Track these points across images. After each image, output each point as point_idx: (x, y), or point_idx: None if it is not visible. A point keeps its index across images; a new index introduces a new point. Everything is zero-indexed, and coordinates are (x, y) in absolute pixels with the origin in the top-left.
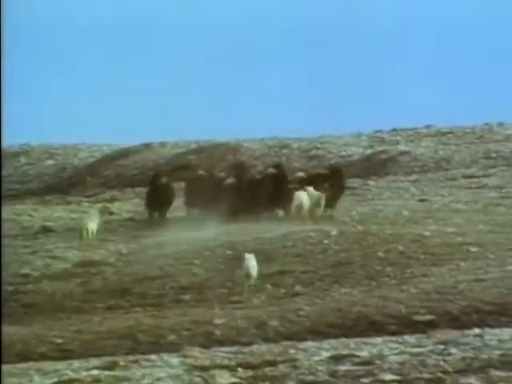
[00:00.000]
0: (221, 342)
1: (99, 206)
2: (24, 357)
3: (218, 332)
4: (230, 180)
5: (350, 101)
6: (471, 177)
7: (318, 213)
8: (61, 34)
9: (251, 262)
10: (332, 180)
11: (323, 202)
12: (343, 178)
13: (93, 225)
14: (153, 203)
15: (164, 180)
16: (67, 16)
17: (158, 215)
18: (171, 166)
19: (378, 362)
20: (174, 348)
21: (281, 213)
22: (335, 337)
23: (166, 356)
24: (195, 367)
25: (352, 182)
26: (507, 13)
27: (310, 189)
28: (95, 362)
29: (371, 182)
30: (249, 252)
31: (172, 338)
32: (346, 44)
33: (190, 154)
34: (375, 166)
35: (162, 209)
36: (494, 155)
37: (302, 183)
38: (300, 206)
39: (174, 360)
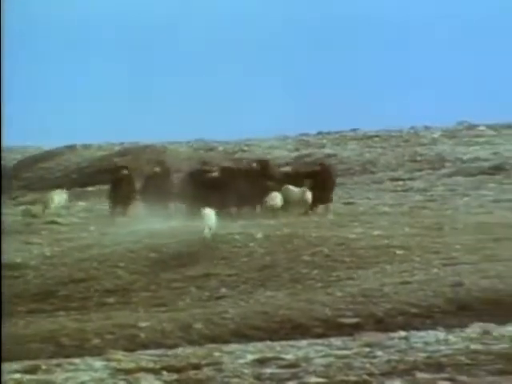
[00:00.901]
0: (145, 345)
1: (22, 208)
2: None
3: (142, 335)
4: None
5: (276, 104)
6: (397, 180)
7: (306, 206)
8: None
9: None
10: (320, 176)
11: (309, 196)
12: (332, 174)
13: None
14: (114, 197)
15: (125, 172)
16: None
17: (121, 209)
18: (95, 168)
19: (303, 364)
20: (97, 351)
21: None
22: (260, 340)
23: (89, 359)
24: (119, 370)
25: None
26: (423, 15)
27: (290, 187)
28: (17, 365)
29: None
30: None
31: (96, 341)
32: (271, 48)
33: (114, 156)
34: None
35: (125, 202)
36: (419, 158)
37: (287, 179)
38: (273, 207)
39: (98, 363)
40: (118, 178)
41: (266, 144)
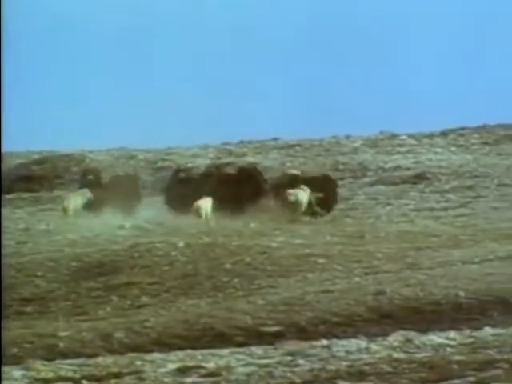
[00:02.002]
0: (65, 355)
1: None
2: None
3: (61, 344)
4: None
5: (197, 113)
6: None
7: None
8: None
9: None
10: (324, 185)
11: (309, 198)
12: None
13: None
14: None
15: (91, 177)
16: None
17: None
18: (13, 177)
19: (224, 373)
20: (16, 360)
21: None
22: (181, 348)
23: (8, 369)
24: (38, 380)
25: None
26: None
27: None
28: None
29: None
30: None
31: (14, 350)
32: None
33: (32, 164)
34: None
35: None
36: (341, 167)
37: (295, 182)
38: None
39: (16, 373)
40: (85, 182)
41: (188, 153)
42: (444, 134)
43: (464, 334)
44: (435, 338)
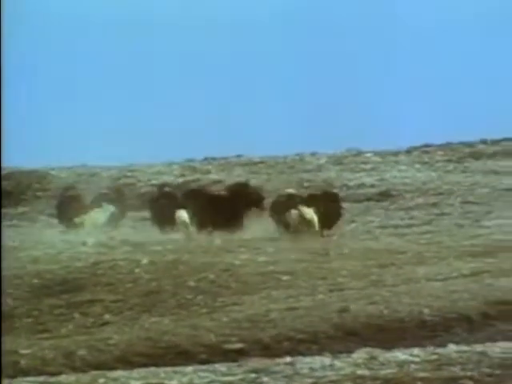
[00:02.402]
0: (26, 372)
1: None
2: None
3: (23, 362)
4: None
5: (161, 129)
6: None
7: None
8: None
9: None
10: (327, 202)
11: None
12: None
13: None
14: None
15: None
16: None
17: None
18: None
19: None
20: None
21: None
22: (145, 366)
23: None
24: None
25: None
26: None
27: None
28: None
29: None
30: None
31: None
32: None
33: None
34: None
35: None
36: (306, 184)
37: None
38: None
39: None
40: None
41: (152, 170)
42: (408, 151)
43: (428, 350)
44: (399, 354)
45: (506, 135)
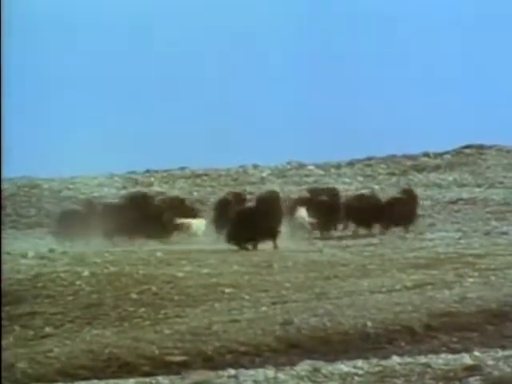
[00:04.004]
0: None
1: None
2: None
3: None
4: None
5: (103, 142)
6: None
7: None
8: None
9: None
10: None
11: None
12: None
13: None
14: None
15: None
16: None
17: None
18: None
19: None
20: None
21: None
22: (86, 379)
23: None
24: None
25: None
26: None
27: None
28: None
29: None
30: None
31: None
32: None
33: None
34: None
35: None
36: (249, 197)
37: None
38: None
39: None
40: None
41: (94, 182)
42: (351, 164)
43: (371, 362)
44: (343, 367)
45: (449, 148)
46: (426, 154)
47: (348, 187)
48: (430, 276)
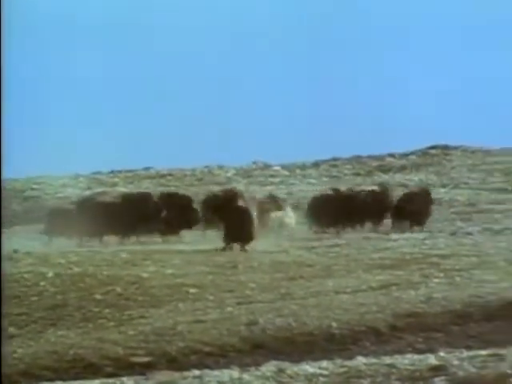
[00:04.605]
0: None
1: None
2: None
3: None
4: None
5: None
6: None
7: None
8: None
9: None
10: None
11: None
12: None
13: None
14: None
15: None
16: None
17: None
18: None
19: None
20: None
21: None
22: (50, 380)
23: None
24: None
25: None
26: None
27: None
28: None
29: None
30: None
31: None
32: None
33: None
34: None
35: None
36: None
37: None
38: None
39: None
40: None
41: (58, 182)
42: (316, 164)
43: (337, 363)
44: (308, 367)
45: (414, 149)
46: (392, 155)
47: (313, 188)
48: (396, 276)
